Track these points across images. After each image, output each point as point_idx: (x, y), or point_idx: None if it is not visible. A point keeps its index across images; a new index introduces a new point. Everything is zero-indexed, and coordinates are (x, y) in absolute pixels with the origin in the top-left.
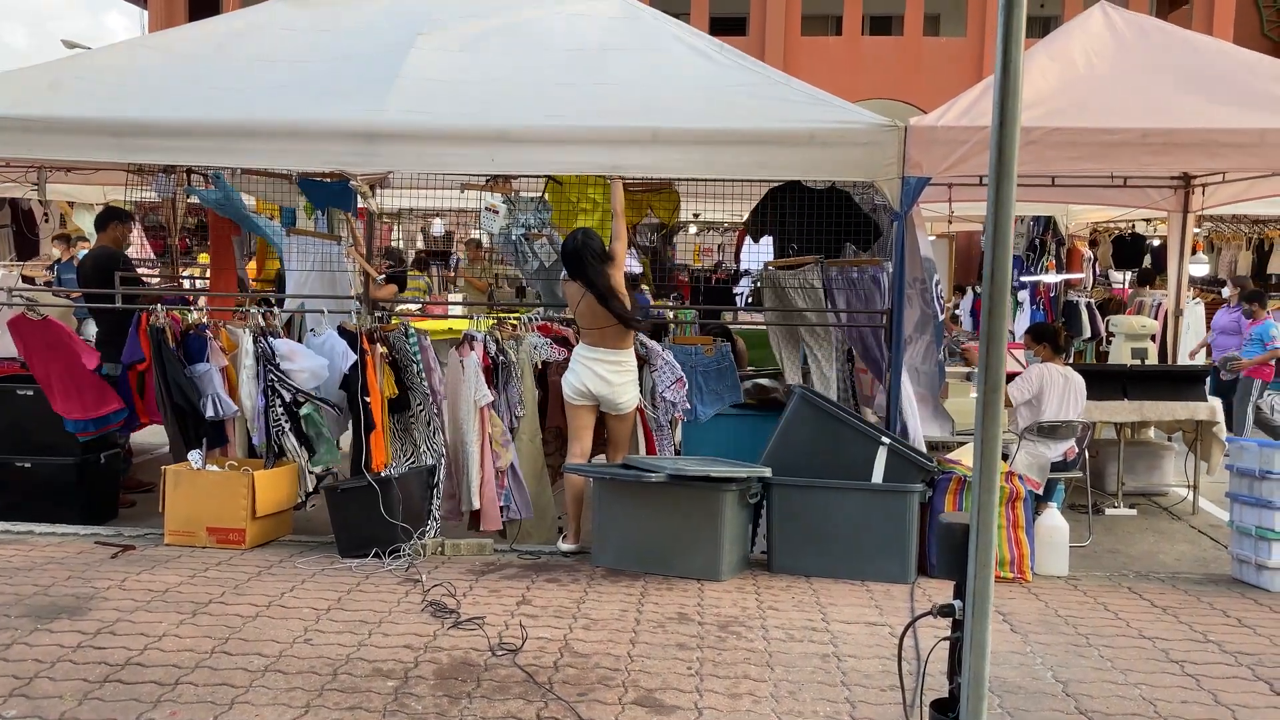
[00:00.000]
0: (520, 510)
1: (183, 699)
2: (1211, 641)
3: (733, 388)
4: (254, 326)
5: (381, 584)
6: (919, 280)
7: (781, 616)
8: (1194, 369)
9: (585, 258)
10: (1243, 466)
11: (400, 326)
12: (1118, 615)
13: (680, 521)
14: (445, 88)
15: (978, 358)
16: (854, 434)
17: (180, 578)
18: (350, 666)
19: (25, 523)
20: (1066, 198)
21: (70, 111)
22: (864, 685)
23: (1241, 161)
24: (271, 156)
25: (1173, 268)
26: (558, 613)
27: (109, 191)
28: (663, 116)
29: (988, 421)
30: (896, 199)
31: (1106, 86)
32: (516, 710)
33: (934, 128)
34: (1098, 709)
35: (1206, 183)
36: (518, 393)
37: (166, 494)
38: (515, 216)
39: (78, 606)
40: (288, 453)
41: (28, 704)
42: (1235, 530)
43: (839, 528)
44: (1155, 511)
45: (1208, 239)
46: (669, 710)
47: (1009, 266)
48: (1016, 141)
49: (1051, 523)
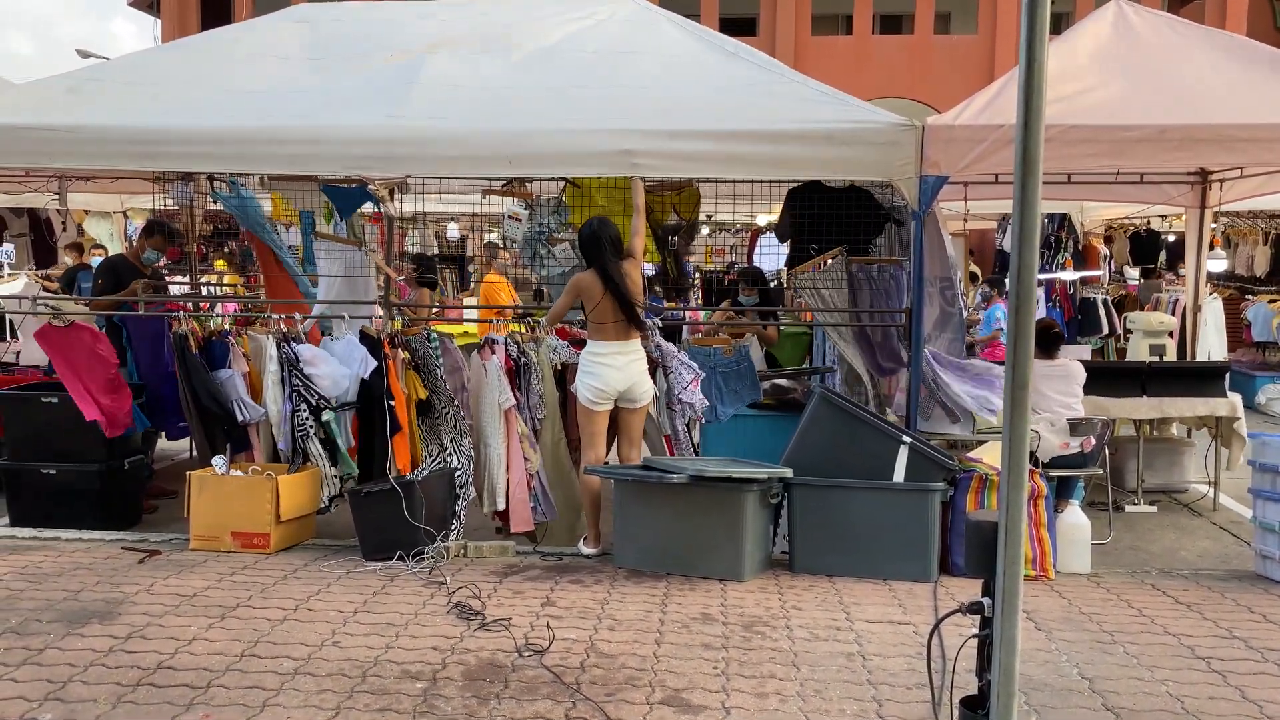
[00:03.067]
0: (547, 512)
1: (215, 702)
2: (1237, 638)
3: (752, 387)
4: (277, 332)
5: (406, 586)
6: (941, 279)
7: (805, 616)
8: (1213, 365)
9: (603, 244)
10: (1265, 462)
11: (422, 331)
12: (1141, 612)
13: (702, 522)
14: (462, 93)
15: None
16: (874, 433)
17: (207, 582)
18: (379, 669)
19: (52, 529)
20: (1083, 194)
21: (91, 120)
22: (890, 684)
23: (1260, 156)
24: (291, 162)
25: (1190, 263)
26: (582, 614)
27: (126, 200)
28: (680, 118)
29: (1015, 419)
30: (914, 198)
31: (1123, 83)
32: (545, 710)
33: (951, 126)
34: (1125, 705)
35: (1224, 178)
36: (539, 395)
37: (191, 499)
38: (535, 220)
39: (108, 611)
40: (312, 457)
41: (63, 708)
42: (1258, 526)
43: (861, 527)
44: (1176, 508)
45: (1224, 235)
46: (696, 710)
47: (1034, 265)
48: (1041, 139)
49: (1073, 520)
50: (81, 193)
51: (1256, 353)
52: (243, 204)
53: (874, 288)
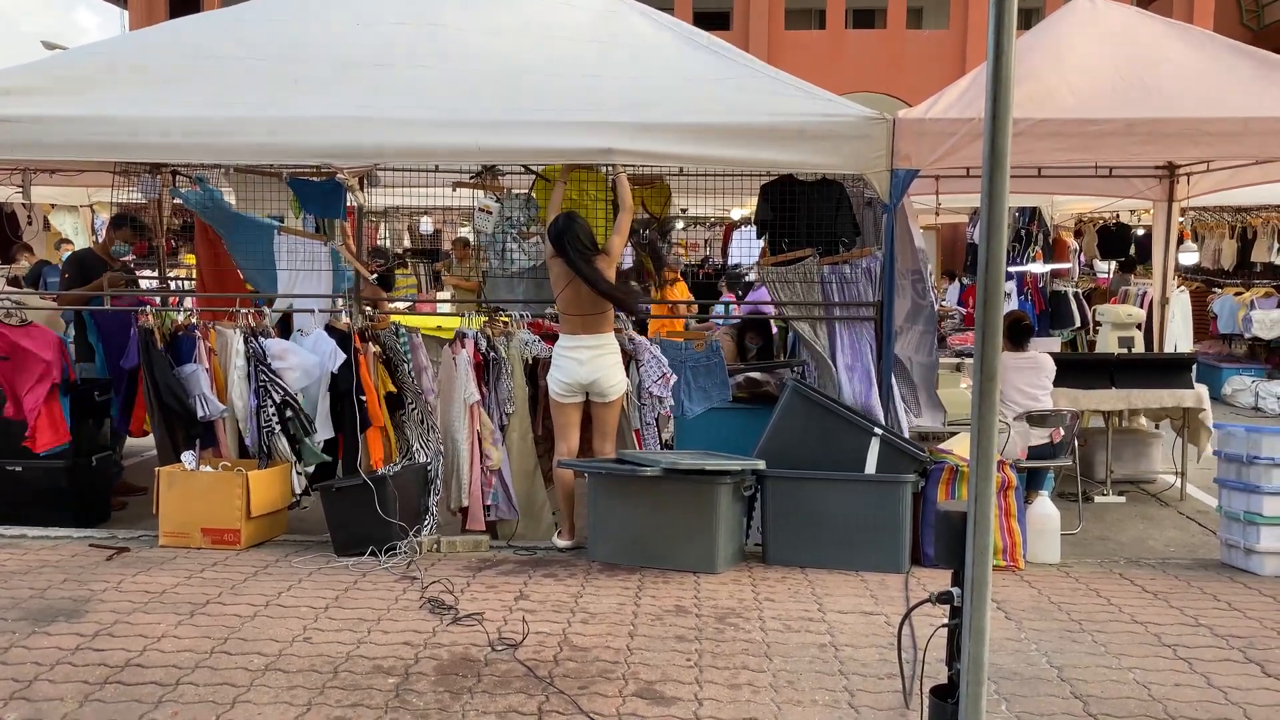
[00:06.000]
0: (505, 510)
1: (184, 699)
2: (1203, 625)
3: (721, 385)
4: (244, 327)
5: (379, 582)
6: (913, 271)
7: (778, 607)
8: (1180, 357)
9: (567, 241)
10: (1230, 452)
11: (391, 325)
12: (1110, 601)
13: (675, 515)
14: (433, 79)
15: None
16: (846, 425)
17: (177, 579)
18: (351, 664)
19: (18, 526)
20: (1053, 189)
21: (56, 111)
22: (861, 674)
23: (1227, 149)
24: (257, 153)
25: (1158, 257)
26: (556, 607)
27: (94, 193)
28: (652, 110)
29: (984, 411)
30: (886, 192)
31: (1092, 77)
32: (518, 704)
33: (922, 120)
34: (1093, 694)
35: (1191, 172)
36: (508, 390)
37: (160, 495)
38: (504, 213)
39: (75, 609)
40: (277, 453)
41: (29, 707)
42: (1224, 515)
43: (833, 519)
44: (1144, 498)
45: (1192, 229)
46: (670, 701)
47: (1003, 258)
48: (1009, 133)
49: (1043, 511)
50: (46, 185)
51: (1223, 345)
52: (211, 198)
53: (844, 289)
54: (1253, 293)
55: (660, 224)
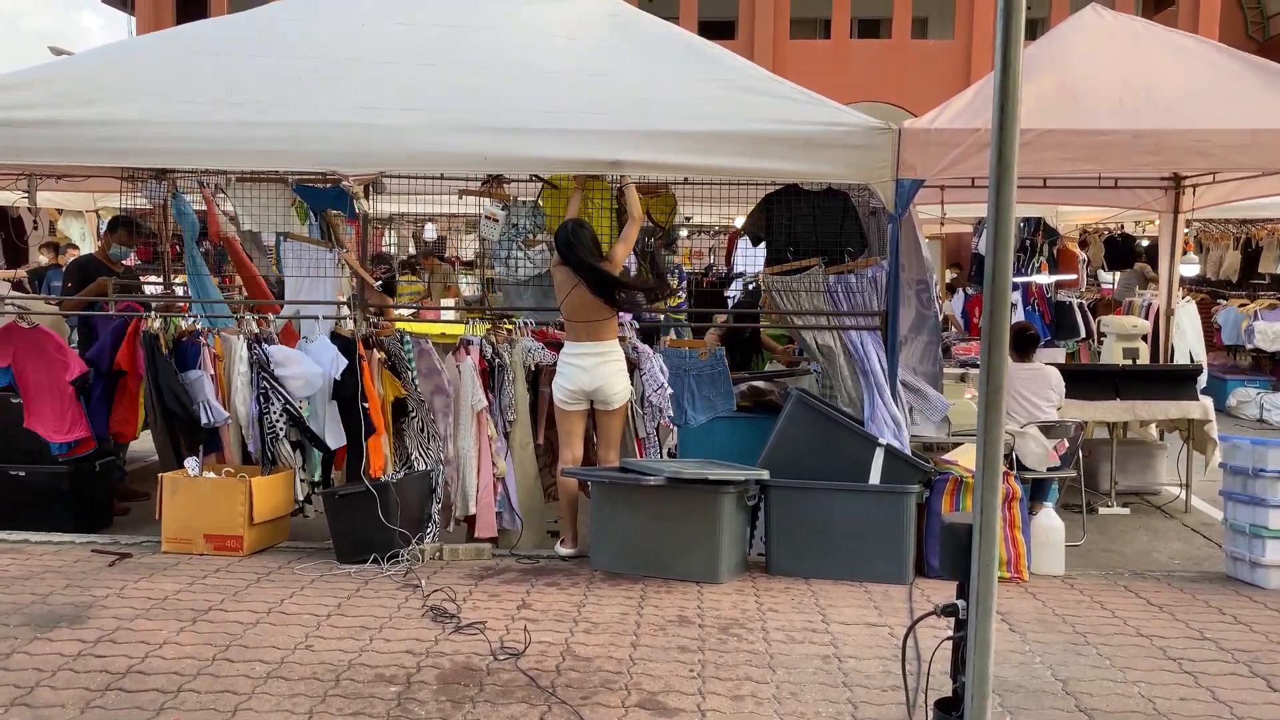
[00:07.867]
0: (509, 521)
1: (185, 706)
2: (1208, 639)
3: (725, 395)
4: (248, 333)
5: (381, 589)
6: (917, 281)
7: (781, 618)
8: (1186, 369)
9: (575, 247)
10: (1236, 465)
11: (396, 333)
12: (1114, 613)
13: (679, 524)
14: (438, 85)
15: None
16: (851, 435)
17: (179, 585)
18: (352, 672)
19: (20, 531)
20: (1058, 199)
21: (64, 115)
22: (865, 686)
23: (1233, 161)
24: (262, 158)
25: (1164, 268)
26: (558, 616)
27: (99, 198)
28: (657, 118)
29: (990, 422)
30: (891, 201)
31: (1099, 88)
32: (520, 714)
33: (928, 130)
34: (1098, 706)
35: (1197, 183)
36: (510, 397)
37: (164, 501)
38: (510, 221)
39: (77, 615)
40: (280, 460)
41: (30, 713)
42: (1229, 528)
43: (837, 529)
44: (1148, 510)
45: (1196, 239)
46: (672, 713)
47: (1009, 269)
48: (1016, 143)
49: (1047, 522)
50: (52, 190)
51: (1227, 356)
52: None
53: (850, 296)
54: (1257, 304)
55: (664, 234)
